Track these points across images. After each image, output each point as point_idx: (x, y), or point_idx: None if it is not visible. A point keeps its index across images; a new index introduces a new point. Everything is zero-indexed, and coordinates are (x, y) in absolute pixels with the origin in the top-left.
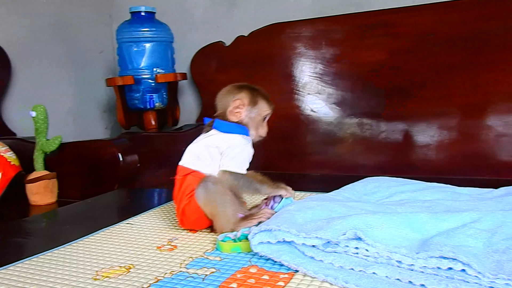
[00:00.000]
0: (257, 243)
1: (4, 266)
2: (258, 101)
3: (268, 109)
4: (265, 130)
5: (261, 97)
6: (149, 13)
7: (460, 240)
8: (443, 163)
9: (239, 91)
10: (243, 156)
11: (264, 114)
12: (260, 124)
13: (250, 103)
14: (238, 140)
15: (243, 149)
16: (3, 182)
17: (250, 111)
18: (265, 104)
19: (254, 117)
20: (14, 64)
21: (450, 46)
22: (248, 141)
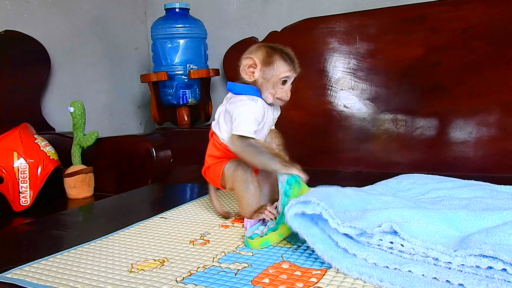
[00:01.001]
0: (293, 215)
1: (44, 257)
2: (274, 61)
3: (287, 71)
4: (285, 93)
5: (280, 57)
6: (183, 10)
7: (500, 239)
8: (482, 160)
9: (257, 49)
10: (247, 116)
11: (282, 76)
12: (277, 86)
13: (264, 63)
14: (243, 100)
15: (247, 109)
16: (43, 175)
17: (264, 72)
18: (284, 65)
19: (269, 78)
20: (54, 61)
21: (490, 41)
22: (254, 101)
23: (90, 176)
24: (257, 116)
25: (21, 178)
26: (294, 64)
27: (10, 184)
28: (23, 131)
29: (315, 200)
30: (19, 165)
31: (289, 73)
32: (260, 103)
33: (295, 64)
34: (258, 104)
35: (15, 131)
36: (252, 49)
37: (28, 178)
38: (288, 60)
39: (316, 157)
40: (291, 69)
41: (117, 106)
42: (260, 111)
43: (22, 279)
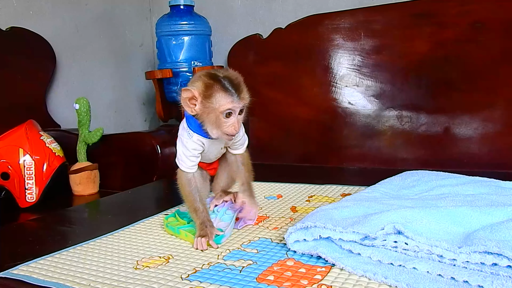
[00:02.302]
0: (293, 242)
1: (49, 254)
2: (212, 94)
3: (228, 103)
4: (232, 127)
5: (219, 88)
6: (188, 7)
7: (505, 235)
8: (488, 157)
9: (197, 80)
10: (182, 152)
11: (223, 109)
12: (220, 120)
13: (203, 96)
14: (181, 134)
15: (182, 145)
16: (48, 172)
17: (204, 105)
18: (224, 96)
19: (209, 112)
20: (59, 58)
21: (498, 36)
22: (189, 137)
23: (95, 173)
24: (192, 153)
25: (27, 175)
26: (239, 93)
27: (16, 181)
28: (29, 128)
29: (311, 223)
30: (25, 162)
31: (231, 105)
32: (196, 139)
33: (240, 93)
34: (193, 140)
35: (21, 128)
36: (194, 78)
37: (34, 175)
38: (229, 89)
39: (322, 153)
40: (234, 100)
41: (122, 103)
42: (195, 147)
43: (28, 275)
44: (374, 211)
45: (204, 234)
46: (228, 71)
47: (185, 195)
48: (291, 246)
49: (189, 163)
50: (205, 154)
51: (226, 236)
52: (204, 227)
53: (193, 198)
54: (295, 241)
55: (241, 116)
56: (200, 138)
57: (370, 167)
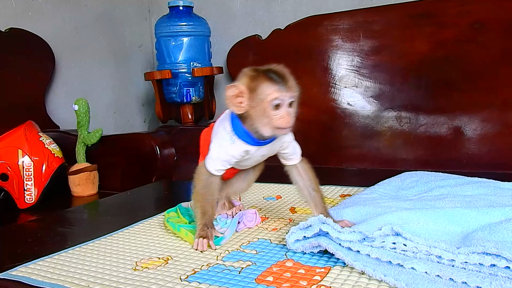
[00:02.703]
0: (294, 241)
1: (49, 255)
2: (257, 85)
3: (275, 92)
4: (283, 120)
5: (264, 78)
6: (187, 8)
7: (503, 236)
8: (487, 157)
9: (241, 76)
10: (218, 155)
11: (270, 98)
12: (268, 113)
13: (249, 90)
14: (225, 136)
15: (221, 148)
16: (47, 173)
17: (251, 100)
18: (270, 85)
19: (257, 105)
20: (58, 58)
21: (498, 36)
22: (231, 142)
23: (94, 174)
24: (228, 159)
25: (25, 176)
26: (285, 83)
27: (15, 182)
28: (28, 129)
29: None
30: (24, 163)
31: (278, 93)
32: (239, 146)
33: (287, 82)
34: (234, 147)
35: (20, 129)
36: (238, 77)
37: (32, 176)
38: (276, 78)
39: (321, 154)
40: (281, 88)
41: (122, 103)
42: (234, 154)
43: (27, 277)
44: (372, 213)
45: (205, 235)
46: (272, 65)
47: (199, 194)
48: (292, 245)
49: (219, 167)
50: (243, 161)
51: (226, 238)
52: (206, 228)
53: (206, 201)
54: (295, 240)
55: (292, 109)
56: (245, 146)
57: (370, 167)
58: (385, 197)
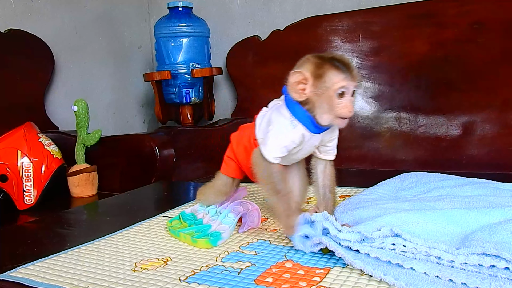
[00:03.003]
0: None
1: (48, 256)
2: (324, 72)
3: (342, 80)
4: (346, 108)
5: (330, 66)
6: (187, 8)
7: (503, 237)
8: (486, 158)
9: (305, 62)
10: (278, 140)
11: (336, 87)
12: (333, 101)
13: (313, 77)
14: (284, 120)
15: (281, 132)
16: (47, 174)
17: (316, 87)
18: (337, 73)
19: (322, 93)
20: (58, 59)
21: (497, 37)
22: (293, 127)
23: (93, 175)
24: (289, 144)
25: (25, 177)
26: (350, 71)
27: (14, 183)
28: (27, 130)
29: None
30: (23, 164)
31: (345, 82)
32: (299, 131)
33: (352, 71)
34: (295, 132)
35: (19, 130)
36: (300, 62)
37: (32, 177)
38: (342, 67)
39: None
40: (347, 77)
41: (121, 104)
42: (294, 139)
43: (26, 278)
44: (371, 214)
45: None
46: (334, 53)
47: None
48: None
49: (278, 153)
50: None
51: (224, 239)
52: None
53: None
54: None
55: (353, 98)
56: (304, 131)
57: (369, 168)
58: (384, 198)
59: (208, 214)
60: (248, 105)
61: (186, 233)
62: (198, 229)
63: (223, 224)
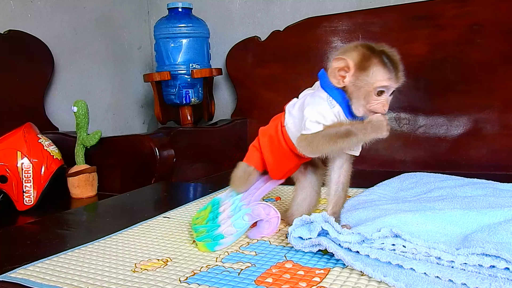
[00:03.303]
0: (296, 237)
1: (48, 257)
2: (370, 66)
3: (385, 80)
4: (381, 106)
5: (379, 62)
6: (186, 9)
7: (503, 237)
8: (486, 158)
9: (353, 49)
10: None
11: (378, 85)
12: (370, 96)
13: (358, 67)
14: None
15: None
16: (46, 175)
17: (357, 78)
18: (383, 72)
19: (362, 86)
20: (57, 60)
21: (496, 38)
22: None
23: (93, 176)
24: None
25: (25, 178)
26: (396, 72)
27: (14, 184)
28: (26, 131)
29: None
30: (23, 165)
31: (388, 82)
32: (336, 111)
33: (398, 72)
34: (333, 111)
35: (19, 130)
36: (347, 48)
37: (31, 178)
38: (389, 65)
39: None
40: (391, 77)
41: (121, 105)
42: (333, 118)
43: (26, 279)
44: (371, 215)
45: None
46: (384, 46)
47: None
48: (293, 241)
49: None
50: None
51: (224, 245)
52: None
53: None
54: (298, 236)
55: (391, 97)
56: (341, 114)
57: (369, 169)
58: (384, 198)
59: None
60: (248, 106)
61: (197, 232)
62: (208, 228)
63: (232, 227)
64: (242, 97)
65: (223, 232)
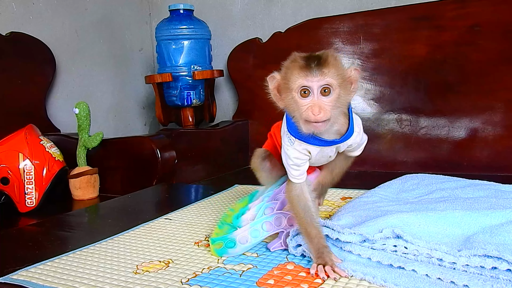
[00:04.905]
0: (295, 245)
1: (49, 258)
2: (288, 73)
3: (300, 77)
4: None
5: (293, 65)
6: (188, 11)
7: (504, 239)
8: (487, 160)
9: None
10: (288, 163)
11: (294, 86)
12: (296, 103)
13: (282, 79)
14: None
15: (286, 155)
16: (48, 177)
17: (284, 90)
18: (297, 71)
19: (287, 95)
20: (59, 62)
21: (496, 39)
22: (290, 144)
23: (95, 177)
24: (294, 161)
25: (26, 179)
26: (318, 66)
27: (15, 185)
28: (28, 133)
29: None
30: (25, 167)
31: (304, 79)
32: (297, 147)
33: (320, 66)
34: (294, 148)
35: (21, 132)
36: None
37: (33, 179)
38: (307, 63)
39: None
40: (308, 74)
41: (122, 107)
42: (297, 156)
43: (28, 281)
44: (372, 216)
45: (323, 262)
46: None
47: (295, 214)
48: (293, 250)
49: (294, 173)
50: (312, 163)
51: (232, 255)
52: (321, 254)
53: (304, 220)
54: (296, 245)
55: (329, 98)
56: (304, 145)
57: (370, 170)
58: (385, 200)
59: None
60: (249, 107)
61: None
62: (228, 229)
63: (248, 235)
64: (243, 98)
65: (238, 239)
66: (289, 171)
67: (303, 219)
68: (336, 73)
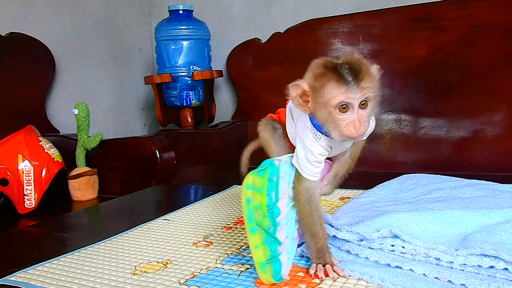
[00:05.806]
0: None
1: (48, 260)
2: (323, 86)
3: (340, 94)
4: (350, 126)
5: (330, 78)
6: (187, 11)
7: (501, 238)
8: (487, 160)
9: (309, 71)
10: (301, 157)
11: (334, 102)
12: (334, 117)
13: (312, 90)
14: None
15: (301, 148)
16: (47, 178)
17: (315, 101)
18: (335, 86)
19: (321, 108)
20: (59, 63)
21: (496, 40)
22: (317, 140)
23: (94, 178)
24: (317, 158)
25: (25, 181)
26: (356, 80)
27: (15, 187)
28: (27, 134)
29: None
30: (24, 168)
31: (344, 96)
32: (323, 142)
33: (359, 81)
34: (320, 144)
35: (20, 133)
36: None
37: (32, 181)
38: (345, 77)
39: None
40: (349, 90)
41: (121, 107)
42: (321, 152)
43: (26, 282)
44: (370, 216)
45: (323, 262)
46: (352, 54)
47: (304, 214)
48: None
49: (313, 170)
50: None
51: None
52: (323, 254)
53: (312, 220)
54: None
55: (366, 111)
56: (328, 141)
57: (369, 170)
58: (383, 199)
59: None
60: (248, 108)
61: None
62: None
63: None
64: (242, 99)
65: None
66: (308, 169)
67: (313, 220)
68: (372, 85)
